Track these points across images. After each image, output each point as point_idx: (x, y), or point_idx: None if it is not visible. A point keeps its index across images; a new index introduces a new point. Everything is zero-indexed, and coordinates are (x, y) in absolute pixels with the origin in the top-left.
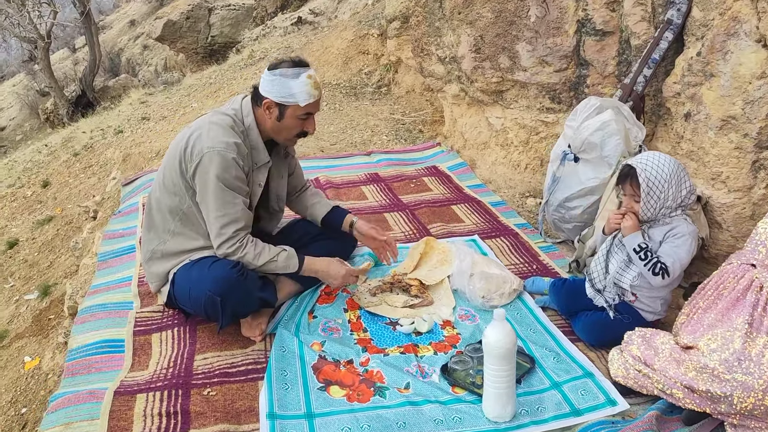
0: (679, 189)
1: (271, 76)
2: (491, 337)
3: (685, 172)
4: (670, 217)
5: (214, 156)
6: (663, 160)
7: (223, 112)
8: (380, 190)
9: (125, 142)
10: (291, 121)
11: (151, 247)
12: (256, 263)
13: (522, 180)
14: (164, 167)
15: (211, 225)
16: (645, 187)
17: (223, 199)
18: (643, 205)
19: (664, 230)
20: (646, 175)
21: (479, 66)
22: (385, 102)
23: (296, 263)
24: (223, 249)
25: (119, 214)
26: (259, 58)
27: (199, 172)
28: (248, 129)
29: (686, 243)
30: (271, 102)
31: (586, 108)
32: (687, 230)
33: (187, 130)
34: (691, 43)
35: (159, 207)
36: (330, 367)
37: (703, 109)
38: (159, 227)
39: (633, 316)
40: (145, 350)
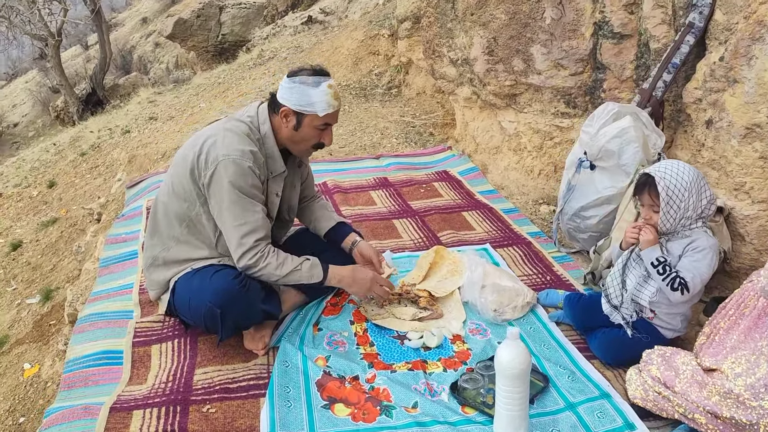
0: (700, 198)
1: (291, 83)
2: (504, 357)
3: (705, 180)
4: (690, 229)
5: (230, 164)
6: (682, 168)
7: (238, 118)
8: (389, 196)
9: (132, 142)
10: (308, 130)
11: (153, 253)
12: (279, 273)
13: (535, 186)
14: (174, 171)
15: (230, 236)
16: (665, 196)
17: (241, 207)
18: (663, 215)
19: (684, 243)
20: (666, 184)
21: (492, 69)
22: (396, 104)
23: (320, 272)
24: (244, 261)
25: (123, 218)
26: (268, 58)
27: (215, 180)
28: (264, 137)
29: (707, 257)
30: (289, 110)
31: (604, 114)
32: (707, 243)
33: (200, 136)
34: (714, 47)
35: (165, 212)
36: (335, 383)
37: (726, 116)
38: (163, 233)
39: (652, 334)
40: (144, 362)
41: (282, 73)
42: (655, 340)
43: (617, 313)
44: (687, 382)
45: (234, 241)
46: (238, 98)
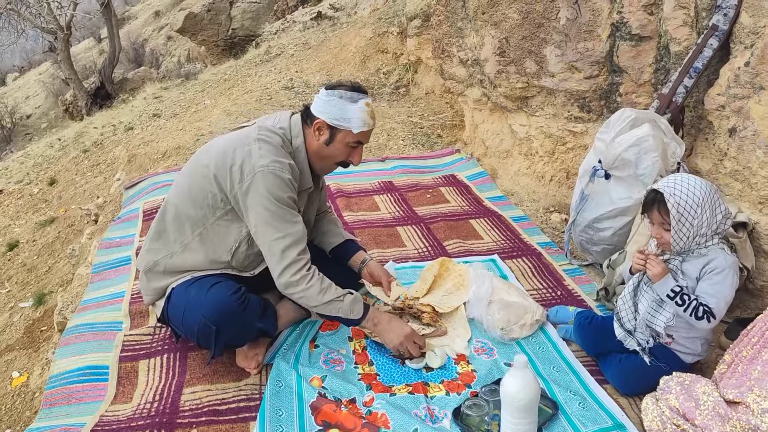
0: (714, 213)
1: (329, 96)
2: (511, 387)
3: (719, 194)
4: (706, 246)
5: (269, 175)
6: (693, 182)
7: (270, 129)
8: (394, 201)
9: (134, 140)
10: (339, 146)
11: (156, 258)
12: (320, 300)
13: (546, 193)
14: (192, 175)
15: (271, 250)
16: (675, 214)
17: (282, 218)
18: (674, 234)
19: (700, 264)
20: (676, 200)
21: (503, 70)
22: (403, 104)
23: (361, 309)
24: (286, 277)
25: (118, 221)
26: (276, 54)
27: (252, 192)
28: (296, 151)
29: (728, 277)
30: (324, 123)
31: (620, 120)
32: (726, 263)
33: (228, 143)
34: (739, 51)
35: (177, 216)
36: (330, 406)
37: (751, 125)
38: (171, 237)
39: (671, 360)
40: (130, 379)
41: (288, 71)
42: (675, 367)
43: (631, 338)
44: (708, 414)
45: (275, 255)
46: (243, 96)
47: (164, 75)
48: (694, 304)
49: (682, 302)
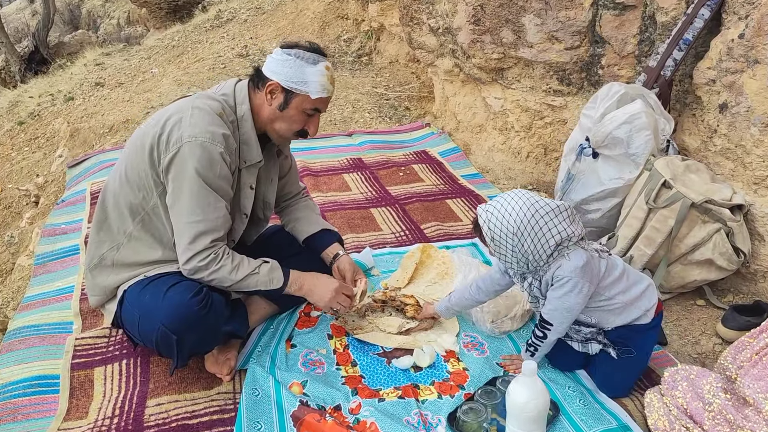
0: (540, 241)
1: (285, 55)
2: (519, 397)
3: (555, 216)
4: (548, 264)
5: (196, 147)
6: (511, 208)
7: (210, 96)
8: (365, 180)
9: (75, 111)
10: (294, 113)
11: (100, 252)
12: (234, 278)
13: (523, 170)
14: (128, 155)
15: (182, 232)
16: (490, 242)
17: (204, 200)
18: (499, 260)
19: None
20: (489, 227)
21: (478, 39)
22: (367, 73)
23: (281, 277)
24: (192, 263)
25: (62, 204)
26: (227, 20)
27: (175, 165)
28: (241, 120)
29: (567, 285)
30: (278, 85)
31: (608, 95)
32: (567, 271)
33: (163, 113)
34: (732, 22)
35: (116, 203)
36: (313, 416)
37: (744, 101)
38: (113, 227)
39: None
40: (85, 390)
41: (242, 38)
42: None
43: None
44: (716, 419)
45: (185, 239)
46: (194, 64)
47: (104, 39)
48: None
49: (533, 347)
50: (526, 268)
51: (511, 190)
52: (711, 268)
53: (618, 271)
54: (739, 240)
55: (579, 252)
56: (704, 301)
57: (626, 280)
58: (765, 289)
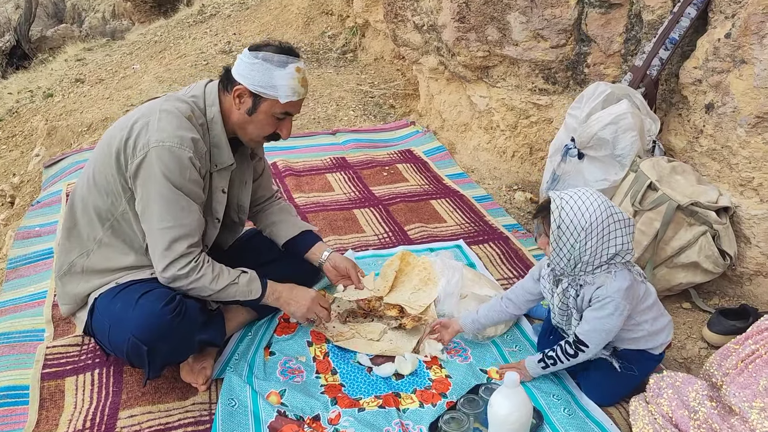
0: (603, 245)
1: (252, 58)
2: (503, 409)
3: (624, 226)
4: (593, 274)
5: (164, 152)
6: (589, 203)
7: (180, 98)
8: (348, 180)
9: (54, 108)
10: (263, 117)
11: (69, 259)
12: (214, 288)
13: (509, 170)
14: (96, 159)
15: (156, 240)
16: (555, 229)
17: (175, 205)
18: (552, 251)
19: (590, 293)
20: (560, 215)
21: (463, 37)
22: (351, 70)
23: (259, 288)
24: (171, 271)
25: (37, 206)
26: (210, 15)
27: (143, 171)
28: (211, 122)
29: (606, 307)
30: (245, 90)
31: (594, 95)
32: (610, 292)
33: (130, 116)
34: (718, 22)
35: (85, 208)
36: (291, 426)
37: (730, 101)
38: (83, 234)
39: (640, 358)
40: (55, 401)
41: (225, 33)
42: (646, 363)
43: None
44: (700, 428)
45: (160, 246)
46: (176, 60)
47: (87, 33)
48: (559, 351)
49: (553, 362)
50: (571, 269)
51: (584, 188)
52: (697, 271)
53: (651, 300)
54: (725, 243)
55: (624, 273)
56: (690, 304)
57: (656, 310)
58: (751, 291)
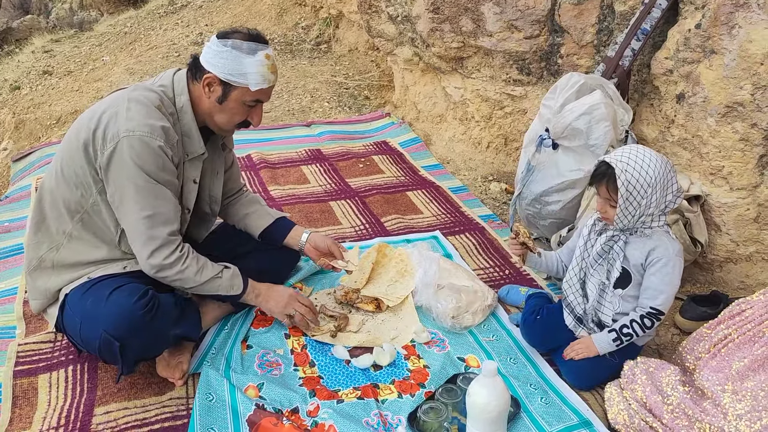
0: (665, 193)
1: (221, 46)
2: (481, 398)
3: (674, 171)
4: (650, 227)
5: (135, 142)
6: (648, 159)
7: (148, 87)
8: (324, 172)
9: (22, 101)
10: (234, 105)
11: (39, 254)
12: (198, 280)
13: (484, 161)
14: (63, 151)
15: (136, 230)
16: (624, 192)
17: (150, 193)
18: (620, 212)
19: (645, 249)
20: (626, 178)
21: (437, 28)
22: (326, 62)
23: (240, 284)
24: (157, 259)
25: (6, 200)
26: (182, 6)
27: (114, 162)
28: (180, 111)
29: (675, 268)
30: (215, 78)
31: (567, 86)
32: (673, 251)
33: (98, 107)
34: (689, 12)
35: (54, 202)
36: (270, 420)
37: (701, 91)
38: (51, 228)
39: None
40: (29, 399)
41: (197, 24)
42: (629, 352)
43: (582, 327)
44: (674, 412)
45: (141, 235)
46: (147, 52)
47: (55, 24)
48: (636, 326)
49: (630, 337)
50: (633, 224)
51: (635, 146)
52: None
53: None
54: (696, 231)
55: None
56: None
57: None
58: (721, 278)
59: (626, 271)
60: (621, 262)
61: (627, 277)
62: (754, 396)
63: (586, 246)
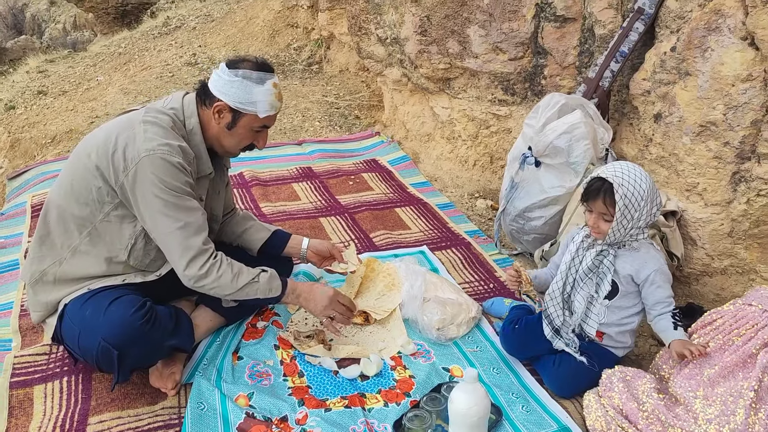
0: (652, 207)
1: (232, 76)
2: (461, 404)
3: (653, 181)
4: (636, 240)
5: (156, 160)
6: (639, 173)
7: (160, 110)
8: (314, 189)
9: (17, 121)
10: (243, 131)
11: (42, 267)
12: (235, 286)
13: (470, 178)
14: (73, 169)
15: (170, 243)
16: (621, 206)
17: (177, 207)
18: (616, 225)
19: (635, 263)
20: (624, 192)
21: (425, 50)
22: (317, 82)
23: (279, 285)
24: (193, 270)
25: (2, 217)
26: (175, 27)
27: (139, 181)
28: (190, 133)
29: (666, 275)
30: (225, 106)
31: (549, 105)
32: (660, 262)
33: (111, 129)
34: (665, 36)
35: (61, 217)
36: (259, 428)
37: (677, 111)
38: (57, 242)
39: (603, 357)
40: (24, 410)
41: (191, 45)
42: (607, 363)
43: (559, 338)
44: (649, 419)
45: (176, 248)
46: (141, 72)
47: (48, 44)
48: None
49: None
50: (623, 237)
51: (623, 161)
52: None
53: None
54: (672, 245)
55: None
56: None
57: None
58: (698, 291)
59: (614, 283)
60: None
61: (615, 289)
62: (723, 401)
63: (574, 261)
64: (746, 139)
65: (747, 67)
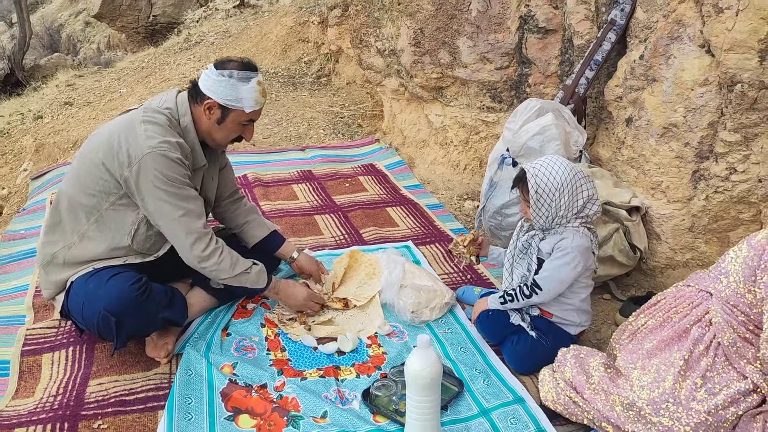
0: (574, 198)
1: (220, 76)
2: (414, 366)
3: (586, 180)
4: (565, 227)
5: (157, 157)
6: (557, 166)
7: (156, 109)
8: (312, 190)
9: (43, 129)
10: (231, 125)
11: (53, 251)
12: (232, 273)
13: (461, 181)
14: (81, 163)
15: (175, 229)
16: (534, 194)
17: (179, 196)
18: (533, 212)
19: (553, 242)
20: (536, 182)
21: (419, 60)
22: (325, 93)
23: (265, 280)
24: (197, 251)
25: (24, 212)
26: (195, 42)
27: (143, 176)
28: (185, 130)
29: (565, 257)
30: (215, 103)
31: (526, 110)
32: (571, 244)
33: (114, 128)
34: (634, 45)
35: (71, 206)
36: (240, 392)
37: (645, 115)
38: (67, 228)
39: (556, 334)
40: (33, 373)
41: (208, 59)
42: (562, 340)
43: (516, 314)
44: (595, 388)
45: (181, 232)
46: (160, 84)
47: (80, 62)
48: (518, 291)
49: (511, 299)
50: (549, 224)
51: (550, 155)
52: (613, 264)
53: (589, 281)
54: (635, 238)
55: (586, 234)
56: (609, 295)
57: (587, 294)
58: (662, 283)
59: (541, 262)
60: (537, 255)
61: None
62: (657, 370)
63: (514, 243)
64: (704, 139)
65: (704, 72)
